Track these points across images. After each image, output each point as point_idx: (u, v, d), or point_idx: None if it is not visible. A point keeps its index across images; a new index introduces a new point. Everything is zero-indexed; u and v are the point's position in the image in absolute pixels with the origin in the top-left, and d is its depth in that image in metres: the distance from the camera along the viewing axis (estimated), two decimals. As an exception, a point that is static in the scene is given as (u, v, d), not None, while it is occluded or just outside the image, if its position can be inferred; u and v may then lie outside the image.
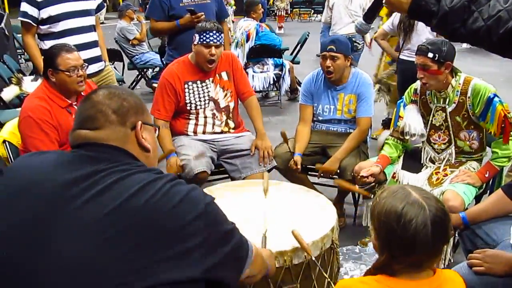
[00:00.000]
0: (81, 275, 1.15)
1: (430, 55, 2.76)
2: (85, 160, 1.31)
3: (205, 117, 3.40)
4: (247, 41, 6.67)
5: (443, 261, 2.74)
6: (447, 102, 2.91)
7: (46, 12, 3.53)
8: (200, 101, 3.36)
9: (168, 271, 1.18)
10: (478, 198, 2.94)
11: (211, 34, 3.17)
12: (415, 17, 1.77)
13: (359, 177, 3.01)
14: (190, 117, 3.40)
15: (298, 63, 7.93)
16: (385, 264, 1.46)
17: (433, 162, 3.06)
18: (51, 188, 1.25)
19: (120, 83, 7.04)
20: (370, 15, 2.19)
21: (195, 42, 3.24)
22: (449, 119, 2.92)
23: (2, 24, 6.82)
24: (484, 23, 1.56)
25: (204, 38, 3.18)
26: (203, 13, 3.94)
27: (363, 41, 6.53)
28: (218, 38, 3.20)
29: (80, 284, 1.14)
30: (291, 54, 8.16)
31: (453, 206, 2.57)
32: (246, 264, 1.44)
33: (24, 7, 3.55)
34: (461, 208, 2.58)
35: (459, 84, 2.86)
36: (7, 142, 2.91)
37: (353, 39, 6.37)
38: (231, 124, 3.48)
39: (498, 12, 1.53)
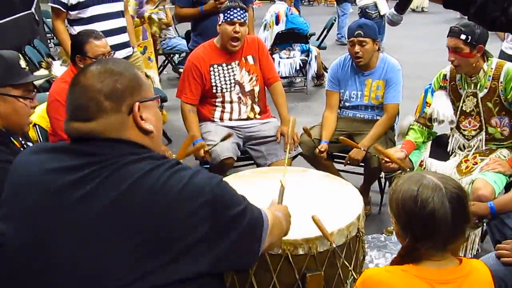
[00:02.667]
0: (82, 277, 1.13)
1: (463, 37, 2.69)
2: (78, 156, 1.22)
3: (231, 101, 3.40)
4: (276, 23, 6.66)
5: (470, 251, 2.70)
6: (478, 88, 2.84)
7: None
8: (226, 84, 3.36)
9: (172, 270, 1.13)
10: (507, 187, 2.88)
11: (235, 11, 3.18)
12: (451, 6, 1.71)
13: (383, 162, 2.98)
14: (216, 103, 3.40)
15: (324, 48, 7.85)
16: (409, 248, 1.46)
17: (461, 149, 3.01)
18: (46, 189, 1.20)
19: (147, 68, 7.08)
20: (402, 5, 2.14)
21: (220, 22, 3.25)
22: (480, 105, 2.86)
23: (32, 9, 6.90)
24: None
25: (228, 15, 3.19)
26: None
27: (376, 11, 6.74)
28: (242, 16, 3.20)
29: (82, 286, 1.14)
30: (318, 39, 8.08)
31: (483, 195, 2.53)
32: (262, 240, 1.36)
33: None
34: (491, 198, 2.54)
35: (491, 69, 2.79)
36: (37, 125, 2.97)
37: (367, 10, 6.72)
38: (257, 109, 3.47)
39: None
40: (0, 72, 1.91)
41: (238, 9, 3.19)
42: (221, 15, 3.23)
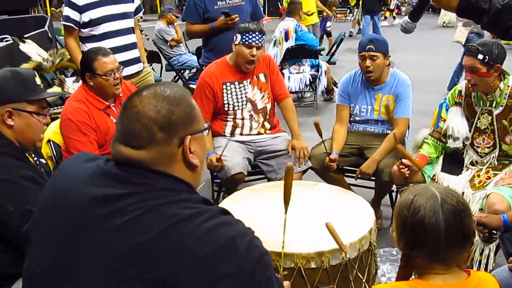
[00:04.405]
0: None
1: (480, 56, 2.67)
2: (122, 184, 1.18)
3: (243, 118, 3.43)
4: (286, 40, 6.70)
5: (484, 266, 2.68)
6: (494, 105, 2.83)
7: (87, 16, 3.63)
8: (238, 102, 3.39)
9: None
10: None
11: (254, 35, 3.20)
12: (464, 15, 1.74)
13: (397, 162, 2.99)
14: (227, 119, 3.43)
15: (334, 63, 7.88)
16: (405, 257, 1.49)
17: (474, 165, 2.99)
18: (83, 208, 1.17)
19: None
20: (416, 13, 2.16)
21: (236, 42, 3.26)
22: (495, 123, 2.84)
23: (46, 27, 7.01)
24: None
25: (247, 38, 3.20)
26: (237, 15, 3.98)
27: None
28: (260, 40, 3.23)
29: None
30: (327, 54, 8.12)
31: (499, 210, 2.50)
32: None
33: (67, 11, 3.66)
34: (507, 212, 2.52)
35: (508, 86, 2.78)
36: (51, 141, 3.01)
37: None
38: (267, 126, 3.50)
39: None
40: (16, 87, 1.97)
41: (257, 33, 3.21)
42: (239, 36, 3.24)
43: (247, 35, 3.20)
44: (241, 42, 3.23)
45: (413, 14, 2.16)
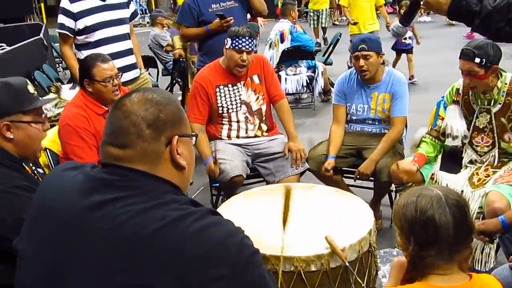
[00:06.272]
0: None
1: (477, 60, 2.63)
2: (108, 189, 1.17)
3: (238, 121, 3.42)
4: (281, 41, 6.69)
5: (486, 264, 2.67)
6: (492, 103, 2.82)
7: (82, 23, 3.62)
8: (232, 104, 3.38)
9: None
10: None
11: (243, 40, 3.19)
12: (455, 18, 1.74)
13: (395, 163, 3.00)
14: (223, 122, 3.43)
15: (330, 64, 7.87)
16: (414, 258, 1.47)
17: (473, 163, 2.97)
18: (71, 216, 1.17)
19: (155, 89, 7.11)
20: (407, 17, 2.16)
21: (227, 46, 3.26)
22: (493, 121, 2.82)
23: (41, 35, 7.00)
24: None
25: (236, 43, 3.19)
26: (231, 17, 3.98)
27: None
28: (250, 44, 3.22)
29: None
30: (323, 55, 8.12)
31: (498, 208, 2.49)
32: None
33: (61, 19, 3.65)
34: (506, 210, 2.49)
35: (505, 84, 2.76)
36: (48, 150, 2.99)
37: None
38: (264, 127, 3.49)
39: None
40: (9, 99, 1.93)
41: (247, 37, 3.19)
42: (229, 40, 3.23)
43: (237, 39, 3.19)
44: (231, 47, 3.22)
45: (404, 19, 2.17)
